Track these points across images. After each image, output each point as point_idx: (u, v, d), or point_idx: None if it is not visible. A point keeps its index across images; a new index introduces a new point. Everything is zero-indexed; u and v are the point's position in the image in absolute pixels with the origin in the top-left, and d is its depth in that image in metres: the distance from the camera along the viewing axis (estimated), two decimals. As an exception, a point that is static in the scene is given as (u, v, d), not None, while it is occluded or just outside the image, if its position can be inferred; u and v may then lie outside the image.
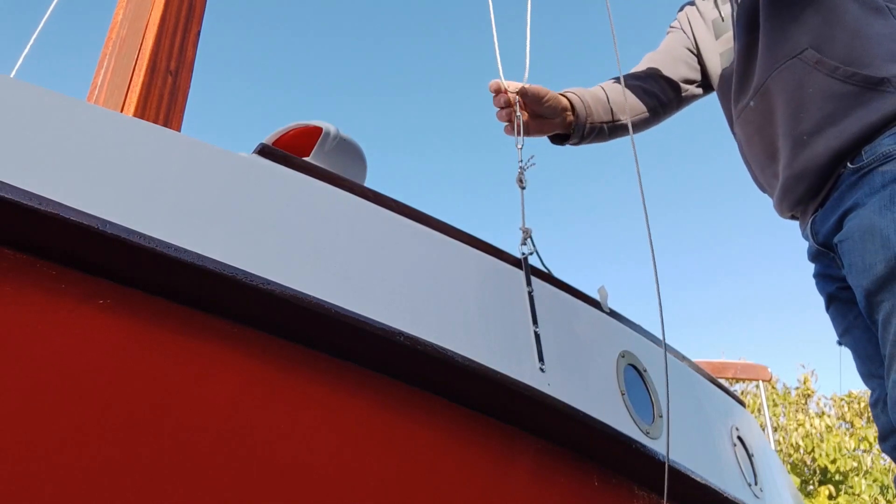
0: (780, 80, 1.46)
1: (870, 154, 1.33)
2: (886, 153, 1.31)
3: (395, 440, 1.25)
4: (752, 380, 7.02)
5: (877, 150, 1.33)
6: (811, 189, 1.45)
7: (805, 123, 1.41)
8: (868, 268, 1.30)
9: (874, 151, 1.33)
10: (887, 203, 1.28)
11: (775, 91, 1.47)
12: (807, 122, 1.41)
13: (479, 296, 1.40)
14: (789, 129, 1.45)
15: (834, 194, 1.41)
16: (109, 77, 1.97)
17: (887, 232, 1.27)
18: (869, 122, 1.34)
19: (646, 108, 1.79)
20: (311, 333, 1.16)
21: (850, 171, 1.36)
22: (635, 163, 1.38)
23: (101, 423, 1.01)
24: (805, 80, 1.42)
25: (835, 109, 1.38)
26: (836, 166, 1.39)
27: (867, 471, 10.50)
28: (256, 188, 1.20)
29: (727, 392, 2.30)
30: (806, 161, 1.42)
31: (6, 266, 0.96)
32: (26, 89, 1.03)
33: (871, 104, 1.34)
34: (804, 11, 1.45)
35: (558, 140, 1.77)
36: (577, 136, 1.72)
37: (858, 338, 1.49)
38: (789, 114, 1.44)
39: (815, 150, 1.40)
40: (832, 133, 1.37)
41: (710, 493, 1.72)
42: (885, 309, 1.28)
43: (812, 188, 1.45)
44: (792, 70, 1.44)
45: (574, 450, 1.47)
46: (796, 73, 1.43)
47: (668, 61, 1.84)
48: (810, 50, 1.42)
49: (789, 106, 1.44)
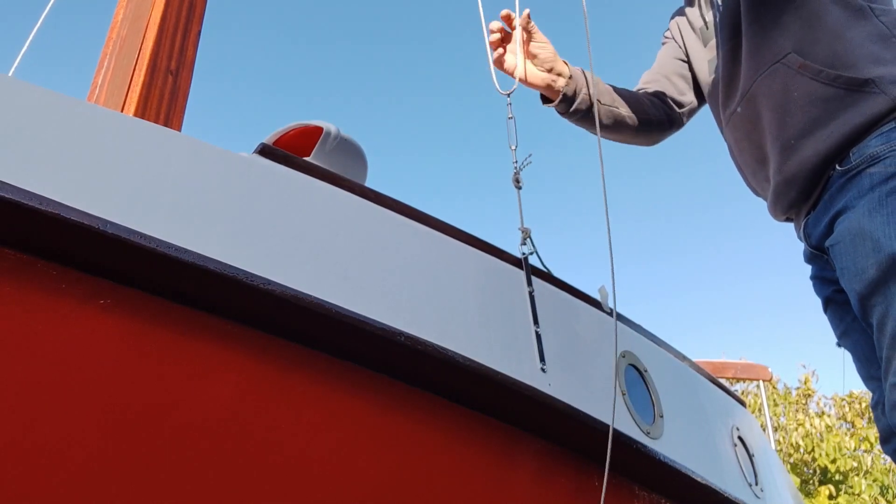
0: (765, 85, 1.46)
1: (857, 156, 1.34)
2: (873, 154, 1.31)
3: (395, 440, 1.25)
4: (753, 380, 7.02)
5: (864, 152, 1.33)
6: (802, 193, 1.45)
7: (792, 128, 1.41)
8: (860, 272, 1.30)
9: (861, 153, 1.33)
10: (876, 205, 1.28)
11: (761, 96, 1.47)
12: (794, 126, 1.41)
13: (479, 296, 1.40)
14: (777, 134, 1.45)
15: (824, 197, 1.41)
16: (109, 77, 1.97)
17: (877, 235, 1.26)
18: (856, 123, 1.34)
19: (649, 113, 1.78)
20: (311, 333, 1.16)
21: (839, 173, 1.36)
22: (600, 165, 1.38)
23: (101, 423, 1.01)
24: (790, 85, 1.42)
25: (821, 113, 1.38)
26: (825, 169, 1.39)
27: (867, 471, 10.49)
28: (257, 188, 1.20)
29: (727, 392, 2.30)
30: (795, 166, 1.42)
31: (6, 266, 0.96)
32: (26, 89, 1.03)
33: (856, 106, 1.34)
34: (785, 15, 1.44)
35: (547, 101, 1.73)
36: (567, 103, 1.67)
37: (856, 340, 1.49)
38: (776, 119, 1.44)
39: (803, 155, 1.40)
40: (820, 136, 1.38)
41: (710, 493, 1.72)
42: (879, 312, 1.28)
43: (803, 192, 1.45)
44: (776, 75, 1.44)
45: (574, 450, 1.47)
46: (781, 78, 1.43)
47: (662, 80, 1.84)
48: (793, 54, 1.42)
49: (776, 111, 1.44)
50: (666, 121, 1.81)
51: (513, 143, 1.56)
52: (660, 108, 1.80)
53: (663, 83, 1.83)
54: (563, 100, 1.67)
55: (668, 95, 1.82)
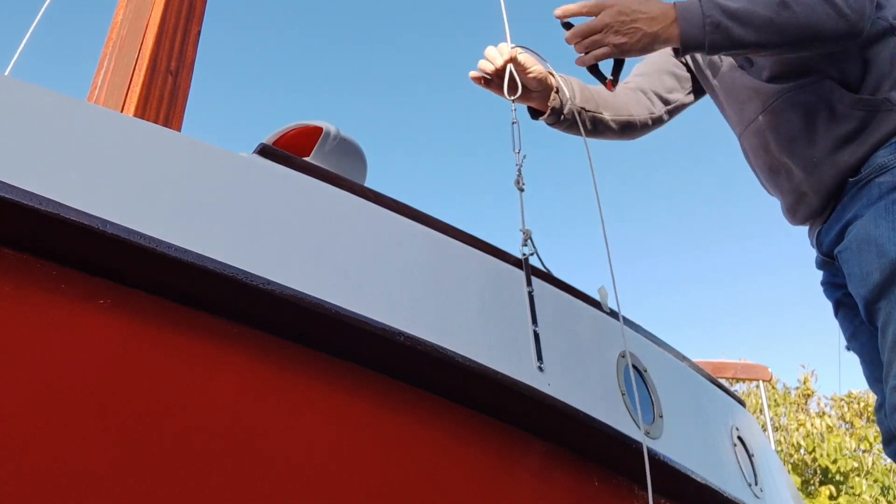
0: (792, 101, 1.49)
1: (867, 166, 1.40)
2: (882, 164, 1.37)
3: (395, 440, 1.25)
4: (753, 380, 7.02)
5: (873, 163, 1.39)
6: (821, 206, 1.51)
7: (816, 147, 1.46)
8: (865, 276, 1.34)
9: (871, 163, 1.39)
10: (882, 213, 1.33)
11: (786, 110, 1.51)
12: (818, 145, 1.46)
13: (479, 296, 1.40)
14: (799, 150, 1.50)
15: (838, 206, 1.47)
16: (109, 77, 1.97)
17: (882, 241, 1.31)
18: (873, 142, 1.40)
19: (633, 113, 1.80)
20: (311, 333, 1.16)
21: (851, 183, 1.42)
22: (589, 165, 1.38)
23: (101, 423, 1.01)
24: (818, 105, 1.46)
25: (844, 134, 1.43)
26: (843, 185, 1.45)
27: (868, 471, 10.49)
28: (256, 188, 1.20)
29: (727, 392, 2.30)
30: (817, 183, 1.48)
31: (6, 266, 0.96)
32: (27, 89, 1.03)
33: (874, 125, 1.40)
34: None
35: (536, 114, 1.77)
36: (555, 115, 1.71)
37: (864, 343, 1.52)
38: (800, 136, 1.49)
39: (825, 173, 1.46)
40: (841, 157, 1.43)
41: (710, 493, 1.72)
42: (883, 316, 1.32)
43: (821, 206, 1.51)
44: (806, 93, 1.48)
45: (574, 450, 1.47)
46: (810, 97, 1.47)
47: (653, 75, 1.86)
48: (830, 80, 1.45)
49: (800, 128, 1.48)
50: (648, 119, 1.84)
51: (516, 147, 1.57)
52: (644, 107, 1.82)
53: (653, 78, 1.85)
54: (552, 112, 1.71)
55: (655, 92, 1.84)
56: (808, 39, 1.40)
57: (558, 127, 1.74)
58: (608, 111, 1.76)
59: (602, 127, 1.77)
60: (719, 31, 1.39)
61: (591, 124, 1.75)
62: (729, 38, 1.39)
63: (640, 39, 1.42)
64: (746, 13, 1.38)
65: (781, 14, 1.37)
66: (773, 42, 1.41)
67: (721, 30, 1.39)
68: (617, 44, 1.43)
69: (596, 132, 1.78)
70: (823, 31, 1.37)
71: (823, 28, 1.37)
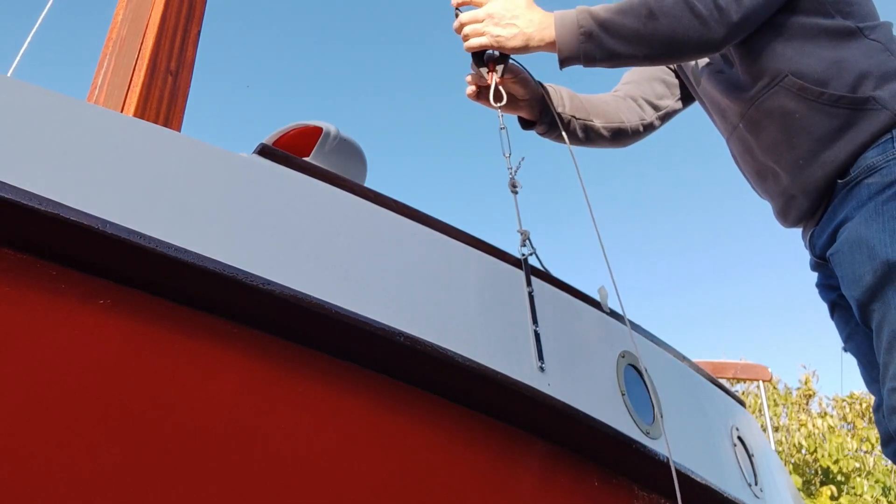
0: (765, 107, 1.48)
1: (856, 167, 1.38)
2: (871, 165, 1.36)
3: (395, 440, 1.25)
4: (753, 380, 7.02)
5: (862, 164, 1.37)
6: (811, 208, 1.50)
7: (799, 149, 1.45)
8: (857, 278, 1.34)
9: (860, 164, 1.38)
10: (872, 214, 1.33)
11: (762, 117, 1.50)
12: (800, 147, 1.45)
13: (479, 296, 1.40)
14: (783, 155, 1.49)
15: (829, 208, 1.46)
16: (109, 77, 1.97)
17: (873, 242, 1.30)
18: (860, 141, 1.38)
19: (623, 120, 1.80)
20: (311, 333, 1.16)
21: (840, 185, 1.41)
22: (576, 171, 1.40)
23: (101, 423, 1.01)
24: (791, 107, 1.44)
25: (826, 133, 1.41)
26: (833, 185, 1.44)
27: (869, 471, 10.49)
28: (256, 188, 1.20)
29: (727, 392, 2.30)
30: (803, 185, 1.47)
31: (6, 266, 0.96)
32: (26, 89, 1.03)
33: (860, 124, 1.38)
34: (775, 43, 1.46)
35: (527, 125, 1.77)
36: (545, 124, 1.71)
37: (860, 344, 1.52)
38: (781, 140, 1.48)
39: (812, 175, 1.45)
40: (827, 157, 1.42)
41: (710, 493, 1.72)
42: (877, 318, 1.32)
43: (812, 207, 1.50)
44: (776, 97, 1.46)
45: (574, 450, 1.47)
46: (780, 100, 1.46)
47: (643, 82, 1.86)
48: (791, 76, 1.44)
49: (780, 132, 1.47)
50: (640, 126, 1.84)
51: (506, 151, 1.57)
52: (634, 113, 1.83)
53: (642, 85, 1.86)
54: (541, 122, 1.72)
55: (645, 98, 1.85)
56: (675, 50, 1.45)
57: (549, 136, 1.75)
58: (599, 119, 1.77)
59: (593, 135, 1.78)
60: (592, 41, 1.43)
61: (583, 132, 1.76)
62: (602, 49, 1.44)
63: (516, 36, 1.49)
64: (617, 24, 1.42)
65: (648, 25, 1.41)
66: (643, 53, 1.45)
67: (594, 39, 1.43)
68: (494, 35, 1.50)
69: (588, 140, 1.78)
70: (689, 41, 1.41)
71: (689, 38, 1.40)
